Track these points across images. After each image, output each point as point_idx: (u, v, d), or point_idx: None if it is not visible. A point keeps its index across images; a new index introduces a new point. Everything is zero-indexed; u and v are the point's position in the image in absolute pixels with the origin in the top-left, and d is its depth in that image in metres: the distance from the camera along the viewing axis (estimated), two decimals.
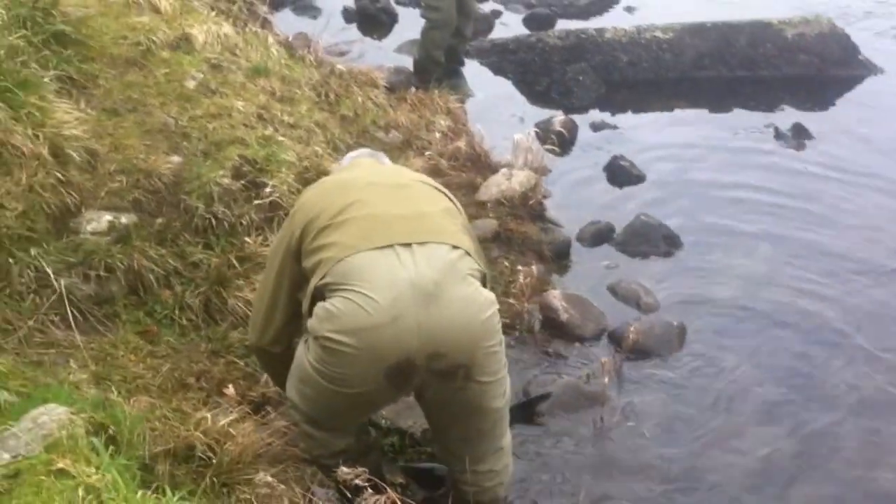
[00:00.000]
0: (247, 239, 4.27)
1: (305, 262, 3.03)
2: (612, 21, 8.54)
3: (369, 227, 2.94)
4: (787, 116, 7.28)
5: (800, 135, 6.97)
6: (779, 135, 6.97)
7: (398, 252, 2.88)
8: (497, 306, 2.99)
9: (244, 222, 4.32)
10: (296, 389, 3.07)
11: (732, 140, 6.93)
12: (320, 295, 2.90)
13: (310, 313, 2.95)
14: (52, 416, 2.88)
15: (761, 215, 5.86)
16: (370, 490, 2.59)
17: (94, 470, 2.62)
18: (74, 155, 4.02)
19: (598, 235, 5.55)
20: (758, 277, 5.23)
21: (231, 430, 3.30)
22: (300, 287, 3.11)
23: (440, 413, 3.15)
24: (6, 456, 2.75)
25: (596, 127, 7.01)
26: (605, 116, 7.23)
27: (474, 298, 2.90)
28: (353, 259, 2.87)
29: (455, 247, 2.94)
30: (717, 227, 5.74)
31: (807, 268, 5.29)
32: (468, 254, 2.97)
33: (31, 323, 3.49)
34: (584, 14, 8.97)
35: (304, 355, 2.97)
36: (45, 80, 4.22)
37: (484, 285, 2.99)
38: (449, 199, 3.27)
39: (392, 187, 3.15)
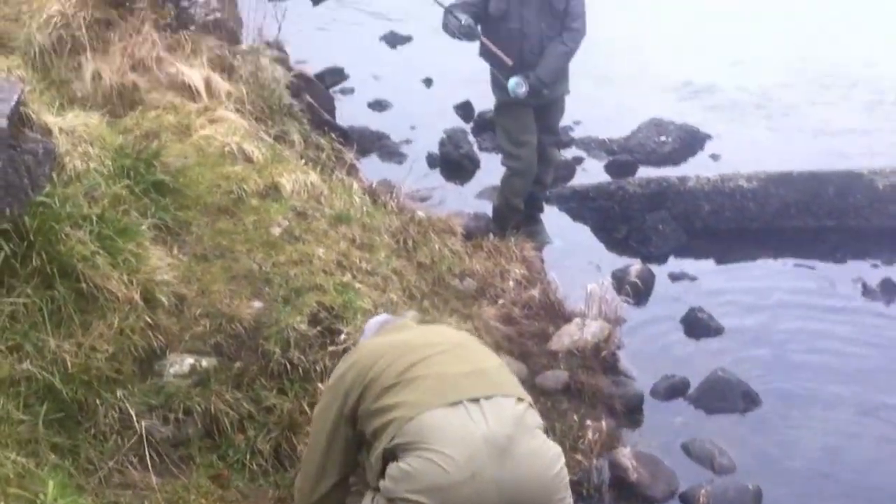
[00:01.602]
0: (319, 385, 4.46)
1: (367, 425, 3.20)
2: (696, 168, 8.70)
3: (435, 385, 3.11)
4: (876, 271, 7.25)
5: (889, 291, 6.95)
6: (867, 290, 6.95)
7: (468, 408, 3.04)
8: (563, 458, 3.13)
9: (318, 368, 4.53)
10: None
11: (818, 294, 6.94)
12: (391, 456, 3.05)
13: (379, 473, 3.10)
14: None
15: (845, 376, 5.85)
16: None
17: None
18: (164, 299, 4.35)
19: (673, 390, 5.62)
20: (840, 442, 5.23)
21: None
22: (352, 450, 3.29)
23: None
24: None
25: (674, 277, 7.14)
26: (685, 266, 7.35)
27: (545, 452, 3.05)
28: (424, 417, 3.03)
29: (520, 399, 3.12)
30: (799, 387, 5.74)
31: (890, 433, 5.26)
32: (531, 406, 3.15)
33: (111, 464, 3.76)
34: (667, 161, 9.14)
35: None
36: (143, 227, 4.59)
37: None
38: (496, 356, 3.46)
39: (447, 346, 3.33)
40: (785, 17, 12.45)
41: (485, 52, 6.83)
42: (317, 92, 7.74)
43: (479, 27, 6.63)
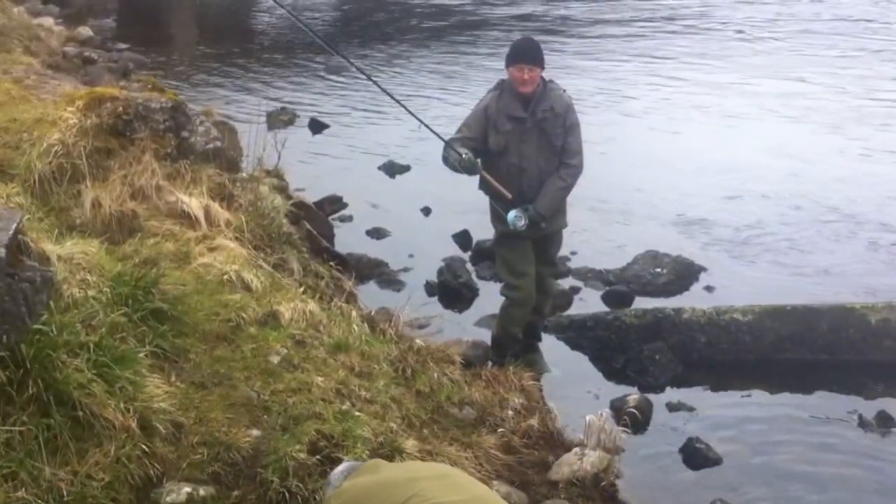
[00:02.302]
0: None
1: None
2: (691, 300, 8.74)
3: None
4: (871, 404, 7.21)
5: (885, 423, 6.91)
6: (862, 422, 6.93)
7: None
8: None
9: (317, 497, 4.48)
10: None
11: (813, 426, 6.92)
12: None
13: None
14: None
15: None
16: None
17: None
18: (161, 427, 4.33)
19: None
20: None
21: None
22: None
23: None
24: None
25: (672, 407, 7.11)
26: (682, 396, 7.32)
27: None
28: None
29: None
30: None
31: None
32: None
33: None
34: (663, 293, 9.18)
35: None
36: (141, 354, 4.60)
37: None
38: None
39: (434, 477, 3.26)
40: (789, 154, 12.75)
41: (484, 186, 6.96)
42: (316, 219, 7.87)
43: (479, 161, 6.77)
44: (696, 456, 6.35)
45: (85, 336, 4.31)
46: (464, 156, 6.66)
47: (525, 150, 6.80)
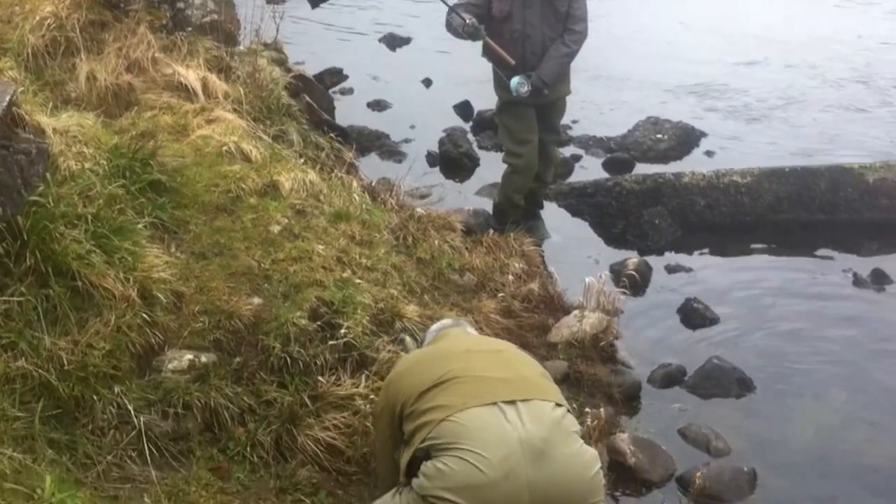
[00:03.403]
0: (320, 378, 4.40)
1: (407, 427, 3.16)
2: (691, 165, 8.59)
3: (472, 389, 3.06)
4: (867, 261, 7.17)
5: (879, 281, 6.88)
6: (858, 280, 6.88)
7: (503, 409, 2.98)
8: (599, 462, 3.04)
9: (318, 362, 4.45)
10: None
11: (810, 284, 6.88)
12: (425, 455, 3.00)
13: (409, 471, 3.03)
14: None
15: (837, 361, 5.80)
16: None
17: None
18: (161, 297, 4.25)
19: (669, 378, 5.55)
20: (832, 424, 5.16)
21: None
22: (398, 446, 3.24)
23: None
24: None
25: (671, 269, 7.05)
26: (681, 259, 7.26)
27: (580, 456, 2.98)
28: (458, 417, 2.98)
29: (558, 404, 3.04)
30: (792, 373, 5.69)
31: (882, 415, 5.20)
32: (569, 412, 3.07)
33: (109, 458, 3.66)
34: (664, 158, 9.02)
35: None
36: (140, 226, 4.50)
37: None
38: (541, 366, 3.38)
39: (488, 353, 3.32)
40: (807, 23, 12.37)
41: (487, 53, 6.74)
42: (315, 92, 7.64)
43: (482, 27, 6.54)
44: (694, 316, 6.32)
45: (82, 208, 4.20)
46: (468, 21, 6.43)
47: (529, 16, 6.55)
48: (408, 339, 4.84)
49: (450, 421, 2.98)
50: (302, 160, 6.21)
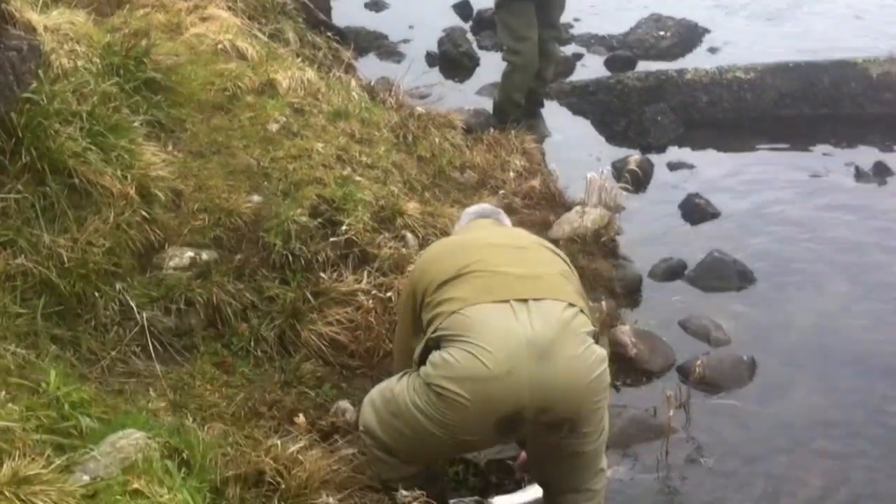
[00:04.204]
0: (322, 275, 4.36)
1: (424, 315, 3.15)
2: (694, 62, 8.41)
3: (487, 284, 3.03)
4: (869, 155, 7.05)
5: (881, 174, 6.78)
6: (860, 174, 6.78)
7: (514, 307, 2.95)
8: (607, 363, 3.01)
9: (320, 259, 4.41)
10: (381, 421, 3.14)
11: (812, 179, 6.78)
12: (435, 345, 2.99)
13: (421, 359, 3.03)
14: (129, 440, 3.00)
15: (838, 253, 5.74)
16: None
17: (166, 491, 2.72)
18: (160, 195, 4.18)
19: (671, 272, 5.50)
20: (832, 314, 5.13)
21: (300, 457, 3.38)
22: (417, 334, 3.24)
23: (540, 454, 3.24)
24: (86, 478, 2.87)
25: (672, 166, 6.95)
26: (683, 155, 7.15)
27: (586, 358, 2.94)
28: (469, 311, 2.96)
29: (570, 305, 2.99)
30: (793, 264, 5.64)
31: (882, 305, 5.16)
32: (582, 312, 3.02)
33: (113, 353, 3.64)
34: (666, 56, 8.82)
35: (407, 394, 3.03)
36: (135, 124, 4.40)
37: (596, 342, 3.03)
38: (565, 262, 3.32)
39: (511, 248, 3.26)
40: None
41: None
42: None
43: None
44: (695, 211, 6.24)
45: (77, 105, 4.09)
46: None
47: None
48: (409, 235, 4.80)
49: (460, 314, 2.96)
50: (299, 60, 6.07)
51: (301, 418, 3.74)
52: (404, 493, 2.74)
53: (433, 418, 2.95)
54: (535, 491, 3.59)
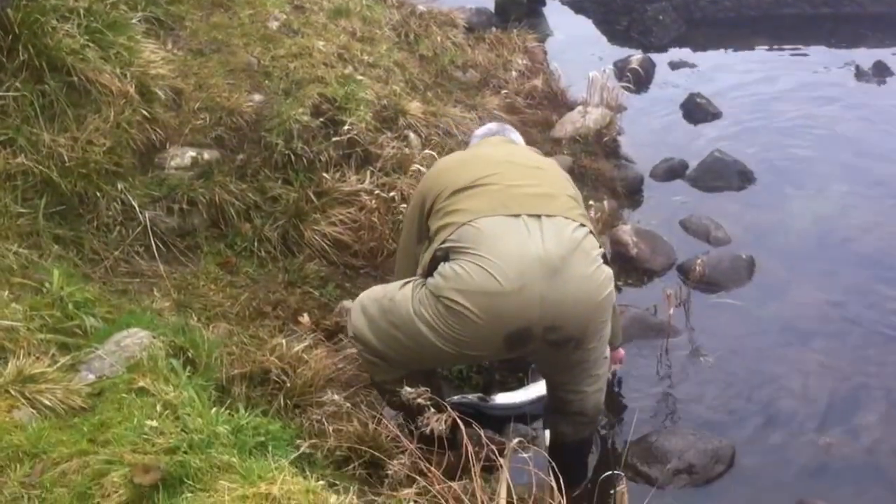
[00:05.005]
0: (324, 174, 4.23)
1: (433, 223, 3.02)
2: None
3: (500, 197, 2.91)
4: (868, 54, 6.89)
5: (881, 72, 6.65)
6: (860, 72, 6.63)
7: (527, 222, 2.83)
8: (613, 282, 2.92)
9: (322, 158, 4.27)
10: (377, 329, 2.98)
11: (812, 78, 6.62)
12: (444, 256, 2.86)
13: (429, 270, 2.90)
14: (134, 339, 2.93)
15: (838, 152, 5.62)
16: (432, 409, 2.54)
17: (172, 388, 2.65)
18: (160, 93, 4.00)
19: (672, 171, 5.38)
20: (831, 213, 5.04)
21: (305, 356, 3.31)
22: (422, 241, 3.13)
23: (545, 364, 3.17)
24: (91, 376, 2.80)
25: (674, 65, 6.77)
26: (684, 55, 6.97)
27: (595, 277, 2.84)
28: (481, 223, 2.84)
29: (582, 225, 2.88)
30: (793, 164, 5.52)
31: (882, 204, 5.05)
32: (592, 233, 2.91)
33: (116, 253, 3.54)
34: None
35: (411, 304, 2.89)
36: (134, 21, 4.19)
37: (606, 263, 2.92)
38: (575, 188, 3.19)
39: (527, 167, 3.12)
40: None
41: None
42: None
43: None
44: (696, 111, 6.11)
45: (73, 2, 3.88)
46: None
47: None
48: (411, 135, 4.65)
49: (472, 226, 2.84)
50: None
51: (305, 318, 3.66)
52: (408, 389, 2.65)
53: (439, 331, 2.83)
54: (538, 388, 3.53)
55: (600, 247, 2.94)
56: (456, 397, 3.55)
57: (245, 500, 2.07)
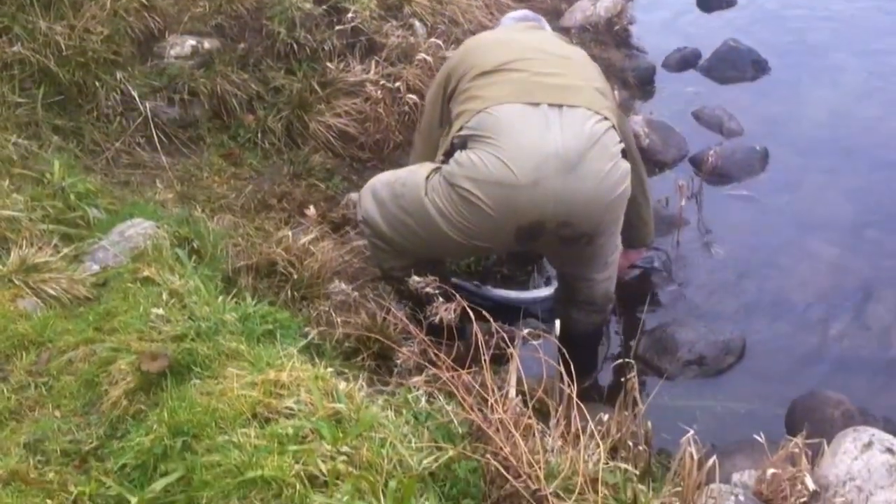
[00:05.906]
0: (328, 64, 4.13)
1: (455, 105, 2.95)
2: None
3: (523, 85, 2.83)
4: None
5: None
6: None
7: (546, 112, 2.75)
8: (629, 177, 2.85)
9: (326, 48, 4.16)
10: (387, 214, 2.93)
11: None
12: (462, 143, 2.80)
13: (445, 157, 2.84)
14: (138, 229, 2.90)
15: (855, 42, 5.47)
16: (441, 298, 2.51)
17: (177, 278, 2.62)
18: None
19: (684, 61, 5.25)
20: (847, 105, 4.91)
21: (311, 248, 3.27)
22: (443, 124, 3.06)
23: (556, 257, 3.15)
24: (95, 266, 2.78)
25: None
26: None
27: (611, 174, 2.77)
28: (498, 111, 2.77)
29: (604, 118, 2.79)
30: (809, 54, 5.38)
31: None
32: (614, 128, 2.82)
33: (117, 145, 3.48)
34: None
35: (424, 191, 2.83)
36: None
37: (624, 157, 2.84)
38: (602, 79, 3.09)
39: (554, 56, 3.02)
40: None
41: None
42: None
43: None
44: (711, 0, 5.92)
45: None
46: None
47: None
48: (417, 23, 4.52)
49: (490, 114, 2.76)
50: None
51: (311, 210, 3.61)
52: (416, 278, 2.61)
53: (451, 220, 2.78)
54: (540, 291, 3.51)
55: (620, 142, 2.86)
56: (453, 279, 3.52)
57: (254, 387, 2.05)
